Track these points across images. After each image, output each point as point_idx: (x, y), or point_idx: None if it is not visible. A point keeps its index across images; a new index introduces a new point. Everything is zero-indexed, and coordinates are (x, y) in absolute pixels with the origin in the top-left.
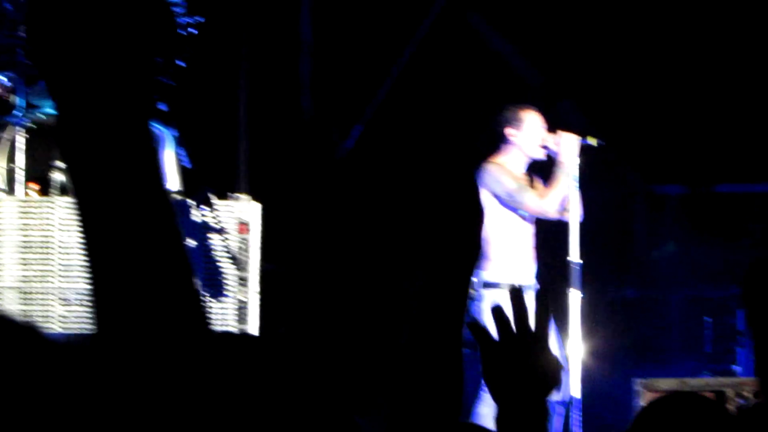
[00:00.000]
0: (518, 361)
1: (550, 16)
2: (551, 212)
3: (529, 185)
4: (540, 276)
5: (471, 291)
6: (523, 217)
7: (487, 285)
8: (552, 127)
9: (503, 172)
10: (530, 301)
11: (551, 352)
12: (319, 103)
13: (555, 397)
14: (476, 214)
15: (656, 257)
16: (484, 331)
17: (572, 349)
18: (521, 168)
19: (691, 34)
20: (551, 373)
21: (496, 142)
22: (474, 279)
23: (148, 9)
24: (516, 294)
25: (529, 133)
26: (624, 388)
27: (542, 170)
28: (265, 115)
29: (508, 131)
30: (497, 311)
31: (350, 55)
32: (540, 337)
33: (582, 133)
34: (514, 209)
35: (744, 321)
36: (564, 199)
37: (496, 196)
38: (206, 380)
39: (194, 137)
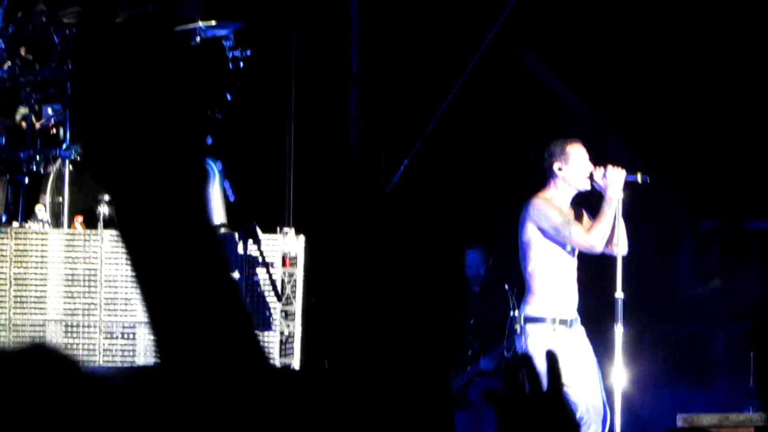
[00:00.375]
0: (537, 418)
1: (600, 49)
2: (598, 247)
3: (576, 219)
4: (582, 310)
5: (516, 326)
6: (569, 252)
7: (531, 320)
8: (599, 162)
9: (550, 207)
10: (575, 335)
11: (567, 413)
12: (366, 137)
13: (597, 430)
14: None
15: (702, 292)
16: (516, 383)
17: (615, 383)
18: (567, 202)
19: (735, 73)
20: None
21: (544, 177)
22: (517, 314)
23: (204, 52)
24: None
25: (575, 167)
26: (667, 423)
27: (589, 205)
28: (312, 149)
29: (555, 165)
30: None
31: (399, 88)
32: (555, 397)
33: (629, 168)
34: (560, 243)
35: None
36: (610, 233)
37: (542, 231)
38: (254, 413)
39: (241, 171)
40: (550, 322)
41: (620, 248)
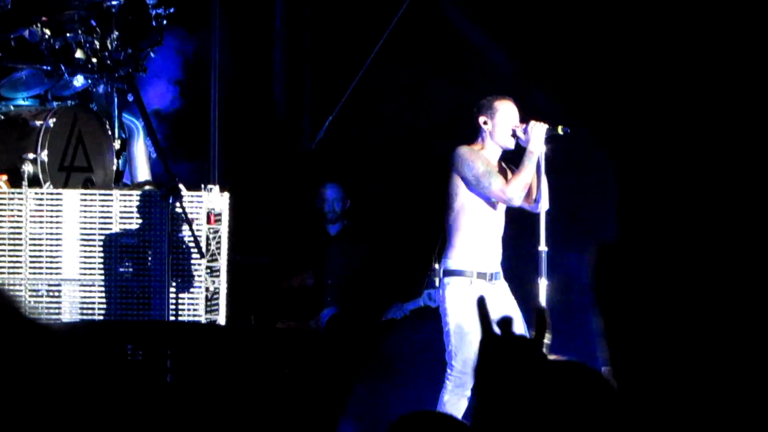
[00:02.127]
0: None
1: (524, 5)
2: (516, 200)
3: (501, 174)
4: (505, 264)
5: (434, 278)
6: (492, 205)
7: (449, 273)
8: (525, 118)
9: (474, 155)
10: (498, 290)
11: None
12: (291, 93)
13: None
14: None
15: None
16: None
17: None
18: (495, 157)
19: (664, 29)
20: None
21: (473, 131)
22: (437, 266)
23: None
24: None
25: (501, 123)
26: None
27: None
28: (236, 106)
29: (481, 119)
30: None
31: (323, 46)
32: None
33: (551, 122)
34: (483, 196)
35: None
36: (530, 188)
37: (464, 180)
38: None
39: (165, 128)
40: (468, 275)
41: (542, 203)
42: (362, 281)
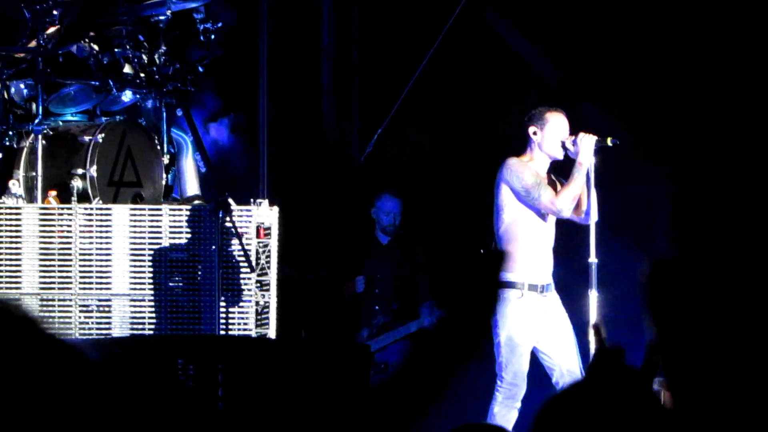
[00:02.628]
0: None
1: (572, 17)
2: (565, 211)
3: (550, 186)
4: (556, 275)
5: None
6: (542, 217)
7: (501, 284)
8: (574, 129)
9: (524, 167)
10: (548, 301)
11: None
12: (339, 107)
13: None
14: None
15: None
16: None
17: (592, 348)
18: (543, 169)
19: (696, 36)
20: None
21: (523, 142)
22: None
23: None
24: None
25: (550, 134)
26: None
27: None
28: (285, 121)
29: (531, 129)
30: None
31: (371, 59)
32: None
33: (600, 133)
34: (532, 207)
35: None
36: (579, 200)
37: (514, 192)
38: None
39: (215, 142)
40: (520, 287)
41: (592, 215)
42: (412, 291)
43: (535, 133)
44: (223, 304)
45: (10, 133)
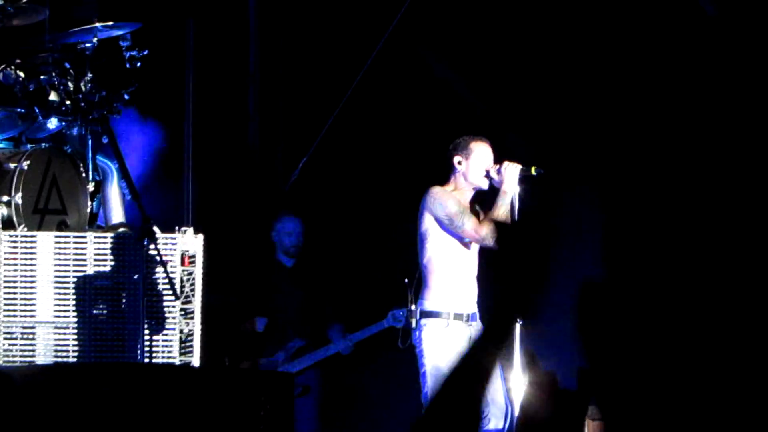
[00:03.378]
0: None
1: (498, 47)
2: (489, 239)
3: (473, 214)
4: (480, 303)
5: (411, 320)
6: (465, 245)
7: (426, 314)
8: (499, 158)
9: (447, 196)
10: (473, 330)
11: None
12: (265, 135)
13: (496, 426)
14: None
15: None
16: None
17: (516, 378)
18: (467, 198)
19: (619, 66)
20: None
21: (447, 171)
22: (413, 308)
23: None
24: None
25: (475, 163)
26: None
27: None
28: (210, 148)
29: (455, 158)
30: None
31: (297, 87)
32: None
33: (524, 162)
34: (456, 236)
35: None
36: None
37: (438, 220)
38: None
39: (139, 170)
40: (445, 316)
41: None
42: (320, 314)
43: (459, 163)
44: (147, 331)
45: None
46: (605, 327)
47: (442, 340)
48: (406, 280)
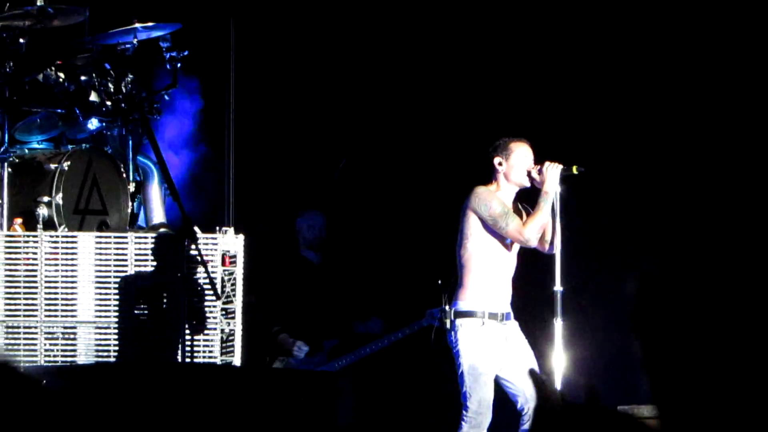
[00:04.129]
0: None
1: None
2: (533, 241)
3: (516, 214)
4: (514, 304)
5: (445, 321)
6: (506, 245)
7: (461, 314)
8: (540, 158)
9: (492, 196)
10: (510, 330)
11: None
12: (309, 135)
13: None
14: None
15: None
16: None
17: (556, 374)
18: (510, 198)
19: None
20: None
21: (488, 172)
22: (447, 308)
23: None
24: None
25: (515, 164)
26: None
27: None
28: (252, 149)
29: (496, 159)
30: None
31: (342, 82)
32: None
33: (566, 162)
34: (498, 236)
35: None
36: (545, 228)
37: (481, 220)
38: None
39: (181, 170)
40: (480, 316)
41: (555, 245)
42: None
43: (500, 164)
44: (188, 331)
45: None
46: (662, 318)
47: (478, 340)
48: (440, 281)
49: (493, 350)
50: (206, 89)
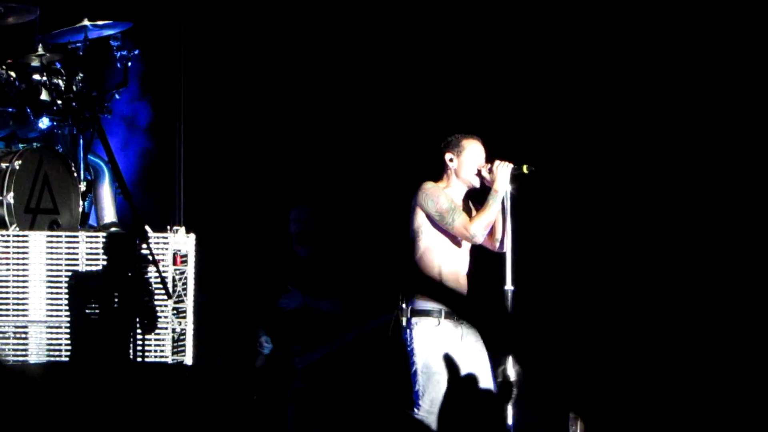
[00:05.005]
0: None
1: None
2: (478, 237)
3: (465, 212)
4: (470, 303)
5: (401, 318)
6: (457, 243)
7: (417, 312)
8: (491, 156)
9: (438, 192)
10: (463, 329)
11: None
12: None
13: None
14: None
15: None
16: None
17: (508, 375)
18: (460, 195)
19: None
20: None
21: (439, 168)
22: (404, 306)
23: None
24: None
25: (466, 161)
26: (559, 417)
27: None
28: (202, 147)
29: (447, 155)
30: None
31: (290, 81)
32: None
33: (516, 161)
34: (445, 232)
35: None
36: (494, 226)
37: (429, 216)
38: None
39: (131, 170)
40: (436, 315)
41: (505, 243)
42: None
43: (451, 160)
44: (139, 331)
45: None
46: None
47: (433, 339)
48: (395, 278)
49: (448, 350)
50: (156, 87)
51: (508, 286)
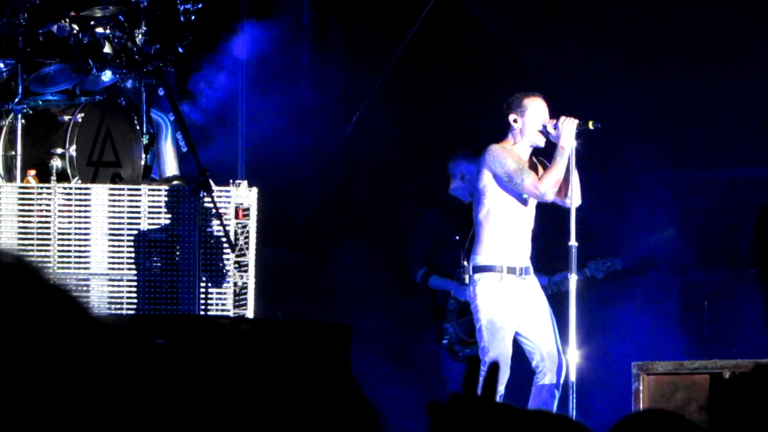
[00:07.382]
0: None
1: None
2: (549, 195)
3: (532, 170)
4: (534, 259)
5: (464, 276)
6: (522, 201)
7: (479, 269)
8: (555, 113)
9: (506, 153)
10: (527, 284)
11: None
12: (319, 87)
13: (551, 380)
14: None
15: (655, 242)
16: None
17: (570, 331)
18: (525, 154)
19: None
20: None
21: (503, 129)
22: (466, 264)
23: None
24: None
25: (530, 120)
26: (622, 371)
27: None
28: (264, 102)
29: (511, 116)
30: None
31: (350, 39)
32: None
33: (581, 117)
34: (514, 193)
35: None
36: (562, 183)
37: (496, 177)
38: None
39: (194, 122)
40: (498, 270)
41: (573, 199)
42: None
43: (515, 120)
44: (202, 284)
45: None
46: None
47: (496, 294)
48: (457, 237)
49: (512, 305)
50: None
51: (573, 242)
